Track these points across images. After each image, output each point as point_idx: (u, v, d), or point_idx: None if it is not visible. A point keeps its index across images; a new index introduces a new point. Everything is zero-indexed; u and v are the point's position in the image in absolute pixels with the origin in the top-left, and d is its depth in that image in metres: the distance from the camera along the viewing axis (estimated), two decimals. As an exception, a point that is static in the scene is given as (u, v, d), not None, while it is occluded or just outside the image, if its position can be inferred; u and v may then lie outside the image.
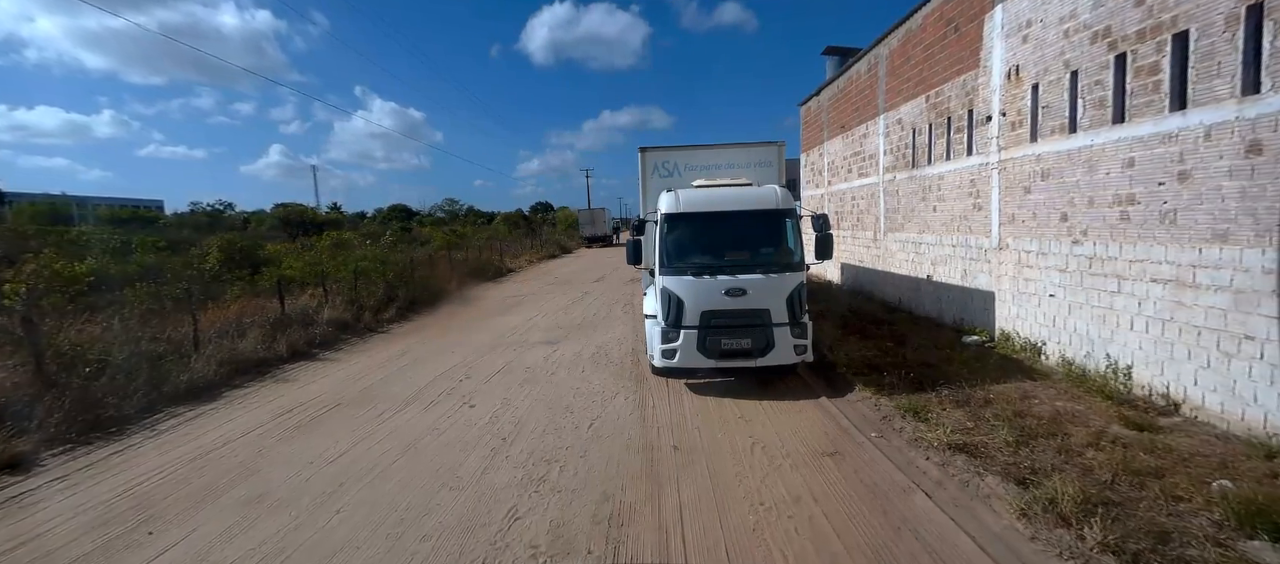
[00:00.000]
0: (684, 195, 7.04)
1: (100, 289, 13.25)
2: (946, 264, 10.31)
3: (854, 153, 14.86)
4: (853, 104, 14.88)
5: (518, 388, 7.41)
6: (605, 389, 7.27)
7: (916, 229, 11.39)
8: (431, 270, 18.88)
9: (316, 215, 49.16)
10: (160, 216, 56.37)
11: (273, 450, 5.61)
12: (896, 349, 8.75)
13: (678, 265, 6.82)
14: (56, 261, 11.85)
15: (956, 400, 6.29)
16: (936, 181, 10.53)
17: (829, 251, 7.04)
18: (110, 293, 13.00)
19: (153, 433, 6.22)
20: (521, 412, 6.50)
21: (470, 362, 8.93)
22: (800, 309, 6.76)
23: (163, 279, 13.30)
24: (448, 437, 5.80)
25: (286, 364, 9.10)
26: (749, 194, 7.19)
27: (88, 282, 11.60)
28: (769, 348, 6.68)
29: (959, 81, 9.62)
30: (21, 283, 10.48)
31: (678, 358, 6.73)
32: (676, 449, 5.33)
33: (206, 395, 7.46)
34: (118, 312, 10.10)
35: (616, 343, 9.98)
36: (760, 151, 8.68)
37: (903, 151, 11.96)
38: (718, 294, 6.62)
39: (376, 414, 6.56)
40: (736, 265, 6.76)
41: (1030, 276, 8.01)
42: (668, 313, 6.75)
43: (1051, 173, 7.49)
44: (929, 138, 10.80)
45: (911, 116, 11.45)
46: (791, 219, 6.99)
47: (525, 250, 32.77)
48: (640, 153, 8.73)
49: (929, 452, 5.03)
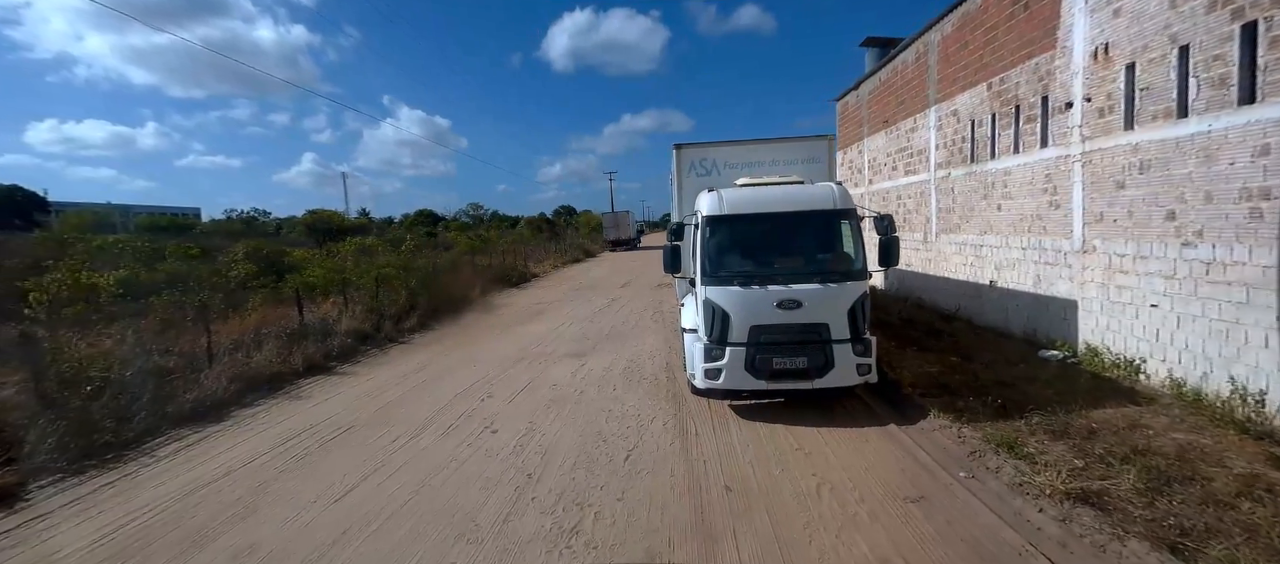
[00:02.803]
0: (728, 195, 6.27)
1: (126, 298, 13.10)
2: (1014, 268, 9.30)
3: (899, 149, 13.86)
4: (897, 97, 13.89)
5: (544, 410, 6.73)
6: (640, 411, 6.53)
7: (976, 230, 10.38)
8: (454, 276, 18.46)
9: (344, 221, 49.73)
10: (197, 223, 57.88)
11: (274, 485, 5.02)
12: (964, 365, 7.82)
13: (722, 274, 6.05)
14: (77, 271, 11.71)
15: (1053, 430, 5.38)
16: (1001, 177, 9.54)
17: (894, 257, 6.19)
18: (135, 302, 12.85)
19: (151, 460, 5.72)
20: (549, 439, 5.81)
21: (493, 377, 8.30)
22: (863, 323, 5.92)
23: (187, 287, 13.10)
24: (467, 470, 5.14)
25: (301, 379, 8.60)
26: (801, 193, 6.38)
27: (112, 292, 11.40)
28: (828, 367, 5.86)
29: (1029, 65, 8.63)
30: (43, 293, 10.30)
31: (723, 378, 5.96)
32: (729, 491, 4.56)
33: (214, 415, 6.96)
34: (133, 324, 9.79)
35: (649, 356, 9.25)
36: (808, 146, 7.86)
37: (958, 146, 10.96)
38: (768, 306, 5.84)
39: (391, 440, 5.95)
40: (789, 274, 5.96)
41: (1125, 284, 7.01)
42: (711, 327, 5.99)
43: (1153, 164, 6.50)
44: (991, 129, 9.80)
45: (969, 107, 10.47)
46: (852, 221, 6.16)
47: (549, 255, 32.31)
48: (675, 150, 8.00)
49: (1040, 500, 4.16)
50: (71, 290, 10.71)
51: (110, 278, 11.13)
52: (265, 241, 23.41)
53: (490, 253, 25.36)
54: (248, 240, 22.91)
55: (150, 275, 16.81)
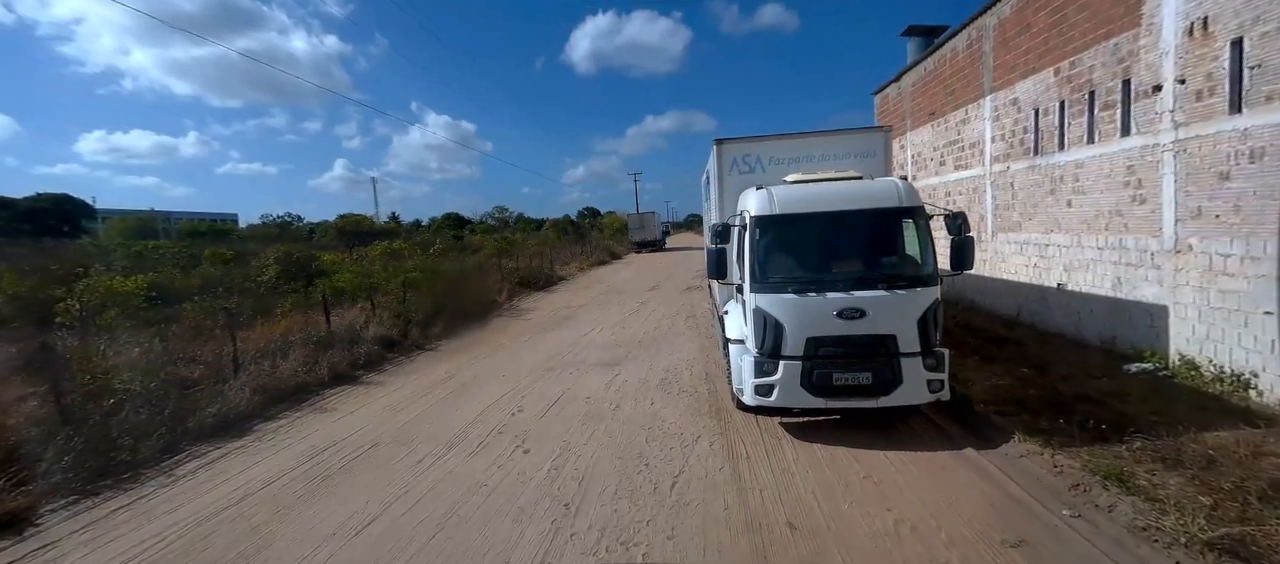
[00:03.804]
0: (779, 193, 5.69)
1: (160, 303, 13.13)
2: (1088, 270, 8.48)
3: (948, 142, 13.02)
4: (945, 87, 13.06)
5: (578, 426, 6.25)
6: (683, 429, 6.00)
7: (1041, 228, 9.56)
8: (482, 280, 18.22)
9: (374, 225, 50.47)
10: (234, 229, 59.56)
11: (292, 512, 4.64)
12: (1037, 377, 7.09)
13: (774, 280, 5.47)
14: (109, 278, 11.71)
15: (1163, 457, 4.67)
16: (1071, 170, 8.72)
17: (968, 260, 5.53)
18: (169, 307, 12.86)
19: (169, 479, 5.42)
20: (585, 461, 5.32)
21: (522, 388, 7.87)
22: (935, 334, 5.29)
23: (217, 293, 13.07)
24: (498, 498, 4.68)
25: (326, 390, 8.31)
26: (861, 189, 5.77)
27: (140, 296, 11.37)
28: (895, 384, 5.24)
29: (1107, 46, 7.83)
30: (75, 301, 10.27)
31: (776, 395, 5.38)
32: (794, 529, 4.00)
33: (236, 430, 6.68)
34: (162, 330, 9.68)
35: (685, 365, 8.70)
36: (861, 140, 7.22)
37: (1018, 137, 10.14)
38: (828, 316, 5.24)
39: (415, 461, 5.54)
40: (850, 279, 5.35)
41: (1230, 287, 6.20)
42: (762, 339, 5.42)
43: (1267, 152, 5.69)
44: (1060, 118, 8.99)
45: (1032, 95, 9.65)
46: (920, 219, 5.52)
47: (574, 257, 31.97)
48: (715, 146, 7.43)
49: (1174, 550, 3.49)
50: (102, 297, 10.70)
51: (140, 281, 11.10)
52: (296, 246, 23.60)
53: (517, 256, 25.14)
54: (279, 245, 23.12)
55: (185, 280, 17.00)
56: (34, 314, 11.05)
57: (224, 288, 13.96)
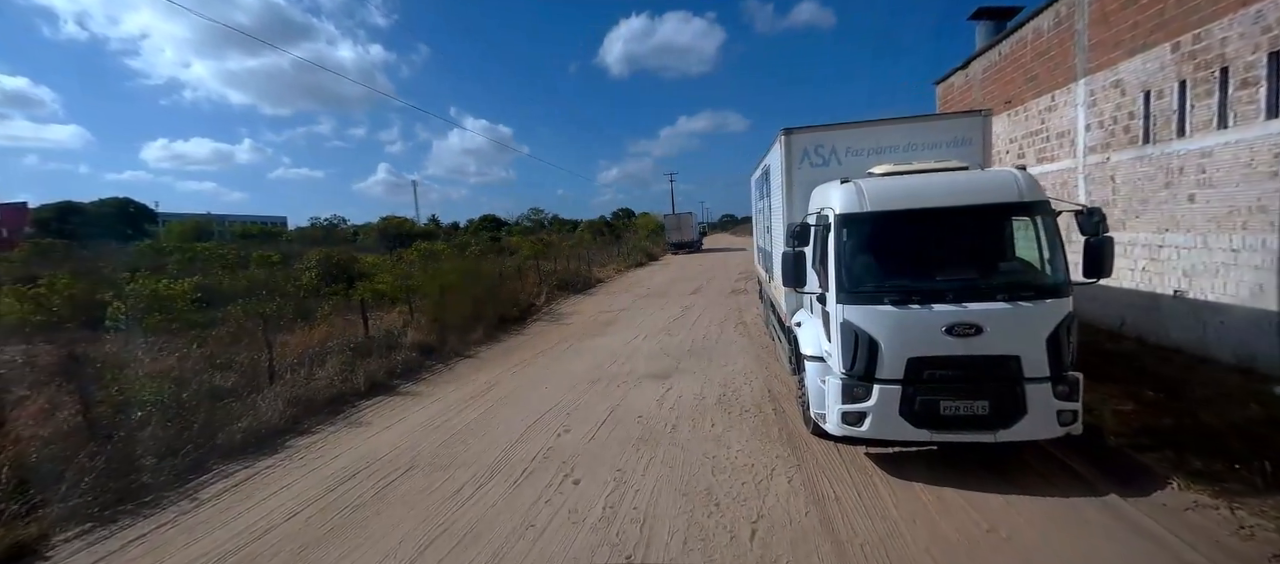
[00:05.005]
0: (870, 187, 4.86)
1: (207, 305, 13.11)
2: (1217, 275, 7.30)
3: (1028, 133, 11.80)
4: (1025, 72, 11.84)
5: (633, 452, 5.56)
6: (753, 460, 5.24)
7: (1151, 227, 8.37)
8: (520, 282, 17.81)
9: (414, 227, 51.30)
10: (283, 231, 61.61)
11: (318, 552, 4.10)
12: (1169, 403, 6.02)
13: (866, 290, 4.65)
14: (155, 282, 11.70)
15: (1385, 519, 3.65)
16: (1195, 160, 7.54)
17: (1106, 265, 4.59)
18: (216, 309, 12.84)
19: (191, 505, 4.99)
20: (645, 497, 4.62)
21: (567, 403, 7.24)
22: (1068, 355, 4.38)
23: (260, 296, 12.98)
24: (549, 543, 4.03)
25: (362, 400, 7.88)
26: (971, 181, 4.88)
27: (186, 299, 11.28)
28: (1017, 414, 4.36)
29: (1247, 14, 6.66)
30: (122, 304, 10.21)
31: (868, 425, 4.57)
32: (916, 604, 3.20)
33: (267, 445, 6.27)
34: (201, 335, 9.50)
35: (742, 379, 7.92)
36: (954, 125, 6.30)
37: (1122, 124, 8.95)
38: (934, 332, 4.40)
39: (454, 490, 4.95)
40: (962, 289, 4.48)
41: None
42: (852, 359, 4.60)
43: None
44: (1180, 101, 7.81)
45: (1142, 76, 8.46)
46: (1046, 217, 4.62)
47: (611, 259, 31.43)
48: (782, 137, 6.63)
49: None
50: (147, 301, 10.65)
51: (185, 285, 11.05)
52: (337, 249, 23.80)
53: (554, 257, 24.74)
54: (321, 248, 23.34)
55: (232, 283, 17.16)
56: (86, 317, 11.13)
57: (267, 291, 13.91)
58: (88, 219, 51.63)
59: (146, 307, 10.58)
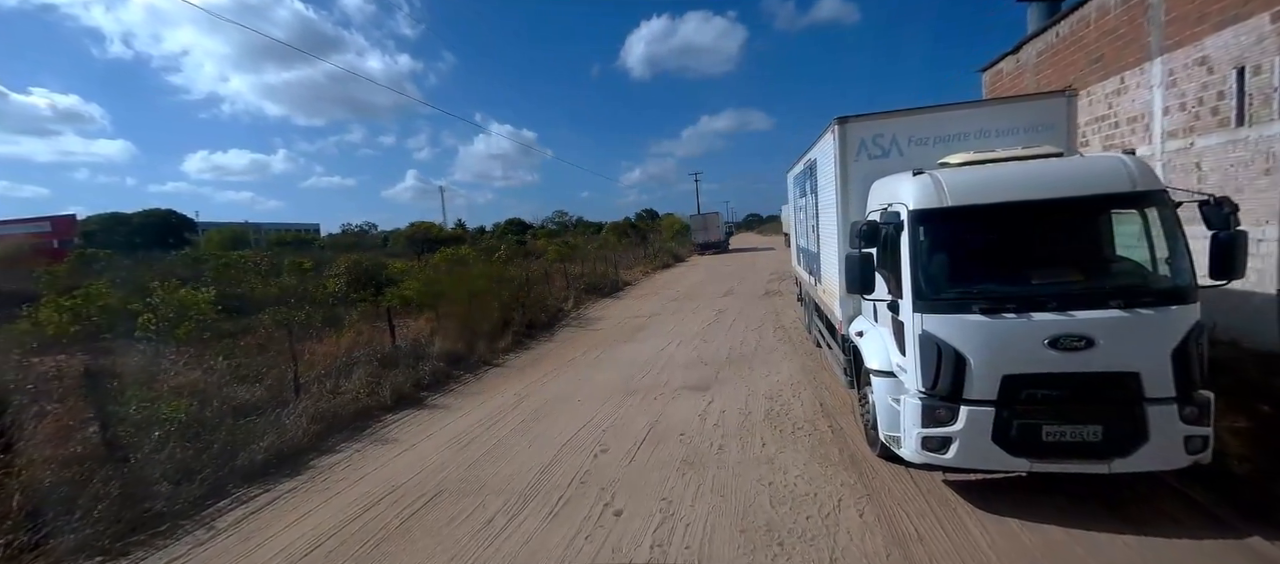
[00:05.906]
0: (949, 179, 4.25)
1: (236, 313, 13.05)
2: (1336, 272, 6.42)
3: (1093, 119, 10.90)
4: (1087, 54, 10.94)
5: (677, 477, 5.05)
6: (814, 487, 4.67)
7: (1250, 219, 7.45)
8: (547, 286, 17.46)
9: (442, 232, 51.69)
10: (315, 238, 62.87)
11: (336, 595, 3.70)
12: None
13: (950, 296, 4.05)
14: (181, 290, 11.63)
15: None
16: (1305, 142, 6.68)
17: (1239, 264, 3.89)
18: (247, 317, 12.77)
19: (208, 534, 4.66)
20: (697, 533, 4.10)
21: (602, 418, 6.76)
22: (1198, 372, 3.70)
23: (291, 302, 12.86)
24: (590, 589, 3.55)
25: (388, 414, 7.54)
26: (1069, 169, 4.23)
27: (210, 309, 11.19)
28: (1137, 440, 3.70)
29: (1374, -28, 5.81)
30: (151, 314, 10.12)
31: (955, 452, 3.96)
32: (1046, 686, 2.61)
33: (289, 467, 5.94)
34: (227, 345, 9.34)
35: (790, 390, 7.33)
36: (1031, 109, 5.62)
37: (1209, 105, 8.07)
38: (1033, 345, 3.77)
39: (485, 521, 4.51)
40: (1066, 294, 3.84)
41: None
42: (933, 376, 4.00)
43: None
44: None
45: (1232, 50, 7.60)
46: (1165, 210, 3.95)
47: (637, 261, 30.93)
48: (835, 126, 6.03)
49: None
50: (175, 309, 10.56)
51: (208, 294, 10.93)
52: (365, 255, 23.87)
53: (580, 260, 24.37)
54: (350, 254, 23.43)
55: (264, 290, 17.21)
56: (120, 327, 11.13)
57: (296, 298, 13.82)
58: (133, 230, 53.46)
59: (175, 316, 10.50)
